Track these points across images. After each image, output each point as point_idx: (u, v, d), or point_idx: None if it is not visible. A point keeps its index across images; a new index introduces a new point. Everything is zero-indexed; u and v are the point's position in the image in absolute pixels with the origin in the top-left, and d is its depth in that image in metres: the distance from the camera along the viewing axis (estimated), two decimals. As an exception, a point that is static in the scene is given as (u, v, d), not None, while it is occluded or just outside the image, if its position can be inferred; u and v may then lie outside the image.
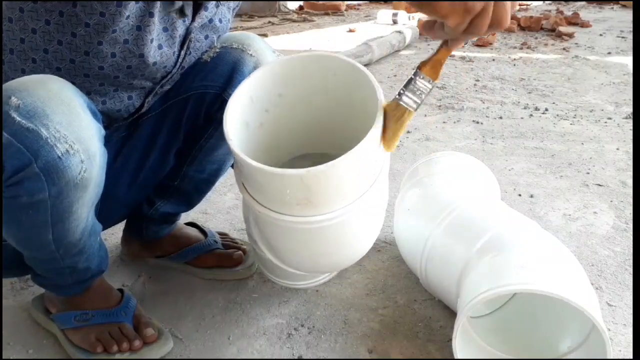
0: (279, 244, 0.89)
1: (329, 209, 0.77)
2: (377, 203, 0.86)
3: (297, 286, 1.09)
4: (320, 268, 1.00)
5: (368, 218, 0.86)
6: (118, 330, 0.92)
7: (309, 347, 0.95)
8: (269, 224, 0.83)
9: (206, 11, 0.88)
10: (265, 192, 0.77)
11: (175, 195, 1.08)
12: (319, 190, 0.73)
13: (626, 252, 1.20)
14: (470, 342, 0.90)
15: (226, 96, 0.93)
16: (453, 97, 2.35)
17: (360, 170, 0.75)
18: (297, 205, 0.75)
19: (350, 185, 0.76)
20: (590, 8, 4.55)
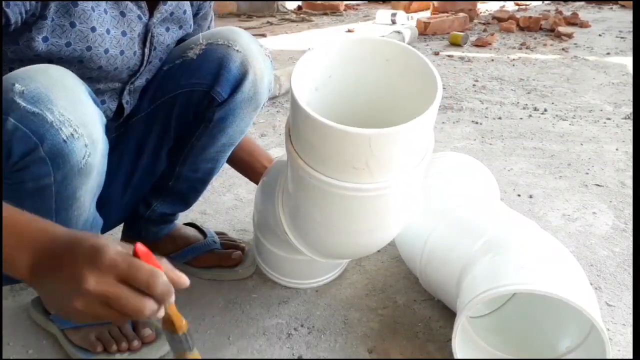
0: (319, 216, 0.87)
1: (382, 177, 0.76)
2: (420, 182, 0.87)
3: (299, 286, 1.09)
4: (349, 249, 0.96)
5: (412, 195, 0.86)
6: (117, 330, 0.92)
7: (308, 347, 0.95)
8: (315, 191, 0.81)
9: (165, 5, 0.88)
10: (321, 153, 0.76)
11: (171, 196, 1.07)
12: (379, 155, 0.73)
13: (625, 253, 1.20)
14: (470, 342, 0.90)
15: (214, 93, 0.93)
16: (452, 97, 2.35)
17: (416, 144, 0.76)
18: (353, 170, 0.74)
19: (406, 155, 0.77)
20: (589, 8, 4.55)
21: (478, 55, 3.07)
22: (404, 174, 0.78)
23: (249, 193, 1.50)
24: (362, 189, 0.76)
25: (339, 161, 0.75)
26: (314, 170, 0.78)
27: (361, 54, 0.83)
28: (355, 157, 0.73)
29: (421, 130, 0.75)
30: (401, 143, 0.73)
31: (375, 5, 5.01)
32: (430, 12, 4.24)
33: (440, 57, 3.07)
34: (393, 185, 0.77)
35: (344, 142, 0.72)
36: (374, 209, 0.82)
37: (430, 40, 3.48)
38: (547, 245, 0.87)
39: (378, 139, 0.70)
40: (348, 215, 0.84)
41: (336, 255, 1.01)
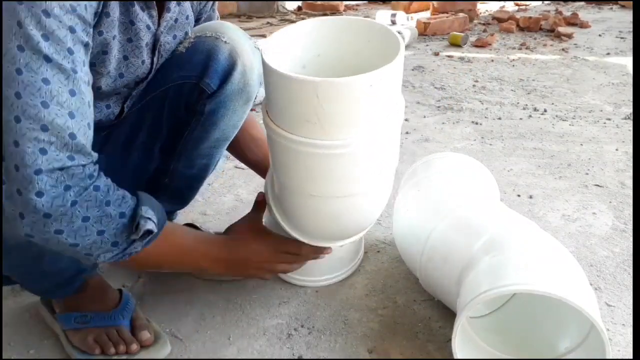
0: (285, 177, 0.86)
1: (337, 134, 0.75)
2: (389, 153, 0.84)
3: (302, 283, 1.10)
4: (323, 223, 0.91)
5: (379, 160, 0.83)
6: (115, 333, 0.93)
7: (309, 347, 0.95)
8: (279, 148, 0.81)
9: (169, 12, 0.88)
10: (278, 104, 0.77)
11: (167, 193, 1.07)
12: (329, 108, 0.71)
13: (625, 253, 1.20)
14: (470, 342, 0.91)
15: (203, 85, 0.93)
16: (452, 97, 2.35)
17: (375, 101, 0.74)
18: (306, 123, 0.74)
19: (362, 112, 0.74)
20: (589, 8, 4.55)
21: (478, 56, 3.07)
22: (363, 133, 0.76)
23: (249, 194, 1.50)
24: (317, 144, 0.75)
25: (293, 113, 0.75)
26: (275, 124, 0.79)
27: (346, 35, 0.84)
28: (305, 108, 0.72)
29: (377, 87, 0.72)
30: (352, 97, 0.71)
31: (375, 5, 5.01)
32: (430, 12, 4.25)
33: (440, 57, 3.07)
34: (350, 145, 0.75)
35: (293, 91, 0.72)
36: (331, 169, 0.79)
37: (430, 41, 3.48)
38: (547, 245, 0.87)
39: (325, 88, 0.69)
40: (308, 174, 0.82)
41: (314, 232, 0.93)
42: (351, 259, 1.15)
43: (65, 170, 0.66)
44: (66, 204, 0.66)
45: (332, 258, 1.04)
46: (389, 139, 0.81)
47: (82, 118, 0.67)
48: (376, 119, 0.76)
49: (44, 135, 0.64)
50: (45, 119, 0.64)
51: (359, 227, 0.95)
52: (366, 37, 0.84)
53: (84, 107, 0.68)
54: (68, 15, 0.65)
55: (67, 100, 0.66)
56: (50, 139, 0.65)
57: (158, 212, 0.77)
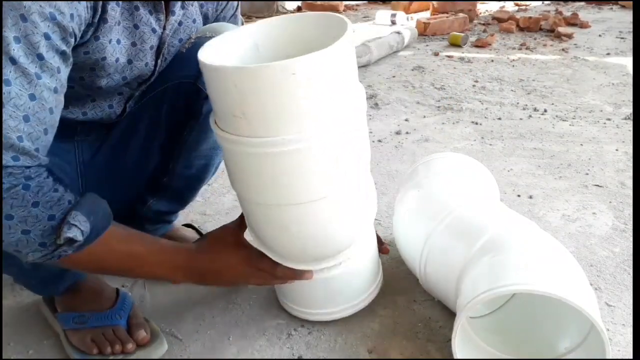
0: (231, 179, 0.82)
1: (266, 131, 0.68)
2: (346, 153, 0.74)
3: (312, 317, 1.00)
4: (280, 237, 0.83)
5: (331, 164, 0.73)
6: (112, 332, 0.93)
7: (308, 347, 0.95)
8: (224, 148, 0.77)
9: (173, 16, 0.88)
10: (213, 100, 0.73)
11: (167, 193, 1.07)
12: (252, 100, 0.66)
13: (625, 253, 1.20)
14: (470, 342, 0.91)
15: (200, 85, 0.92)
16: (452, 98, 2.35)
17: (309, 91, 0.66)
18: (233, 118, 0.69)
19: (293, 105, 0.67)
20: (589, 8, 4.55)
21: (478, 56, 3.07)
22: (298, 130, 0.68)
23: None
24: (243, 142, 0.70)
25: (219, 107, 0.71)
26: (215, 123, 0.75)
27: (310, 31, 0.81)
28: (230, 101, 0.68)
29: (304, 77, 0.65)
30: (274, 87, 0.64)
31: (375, 5, 5.00)
32: (430, 12, 4.25)
33: (440, 57, 3.07)
34: (283, 143, 0.68)
35: (215, 81, 0.68)
36: (265, 171, 0.73)
37: (430, 41, 3.48)
38: (547, 245, 0.87)
39: (241, 76, 0.64)
40: (244, 178, 0.77)
41: (277, 249, 0.86)
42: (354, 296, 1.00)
43: (5, 169, 0.66)
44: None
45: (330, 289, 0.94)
46: (340, 136, 0.73)
47: (37, 123, 0.68)
48: (315, 112, 0.69)
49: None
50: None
51: (327, 243, 0.85)
52: (323, 29, 0.79)
53: (43, 113, 0.68)
54: (46, 22, 0.66)
55: (25, 103, 0.66)
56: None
57: (97, 218, 0.74)
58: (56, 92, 0.70)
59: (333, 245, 0.86)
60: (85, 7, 0.71)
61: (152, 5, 0.82)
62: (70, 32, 0.69)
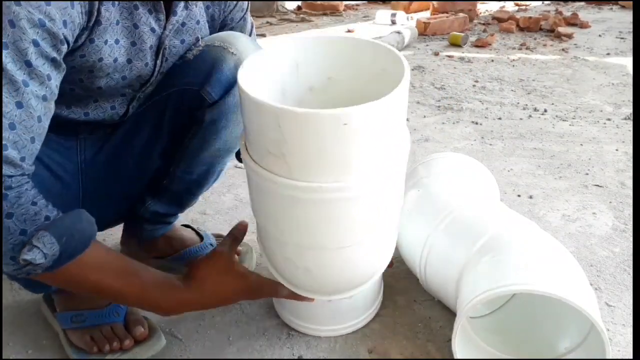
0: (255, 210, 0.79)
1: (304, 176, 0.65)
2: (379, 205, 0.72)
3: (312, 332, 0.98)
4: (296, 274, 0.81)
5: (362, 217, 0.71)
6: (110, 329, 0.93)
7: (309, 347, 0.95)
8: (249, 178, 0.74)
9: (175, 16, 0.87)
10: (247, 129, 0.70)
11: (167, 195, 1.07)
12: (294, 142, 0.62)
13: (625, 253, 1.20)
14: (470, 342, 0.91)
15: (204, 93, 0.91)
16: (452, 97, 2.35)
17: (355, 141, 0.63)
18: (269, 155, 0.65)
19: (336, 154, 0.63)
20: (589, 9, 4.55)
21: (478, 56, 3.07)
22: (337, 179, 0.64)
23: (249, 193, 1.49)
24: (278, 182, 0.66)
25: (258, 141, 0.67)
26: (247, 152, 0.72)
27: (357, 57, 0.78)
28: (267, 137, 0.64)
29: (355, 127, 0.61)
30: (320, 134, 0.60)
31: (375, 5, 5.00)
32: (430, 12, 4.24)
33: (440, 57, 3.07)
34: (318, 191, 0.64)
35: (256, 115, 0.64)
36: (295, 214, 0.69)
37: (430, 41, 3.48)
38: (547, 245, 0.87)
39: (287, 118, 0.60)
40: (272, 215, 0.74)
41: (291, 279, 0.84)
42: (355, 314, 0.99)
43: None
44: None
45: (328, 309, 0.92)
46: (379, 189, 0.70)
47: (24, 131, 0.67)
48: (359, 163, 0.65)
49: None
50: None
51: (348, 283, 0.83)
52: (376, 60, 0.76)
53: (30, 121, 0.67)
54: (35, 29, 0.65)
55: (11, 111, 0.65)
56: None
57: (71, 240, 0.70)
58: (45, 100, 0.69)
59: (353, 284, 0.84)
60: (80, 12, 0.71)
61: (151, 4, 0.82)
62: (62, 39, 0.68)
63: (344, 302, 0.91)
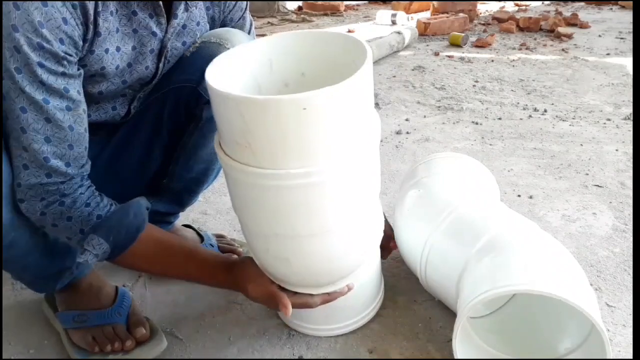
0: (233, 203, 0.81)
1: (270, 163, 0.66)
2: (349, 189, 0.72)
3: (311, 332, 0.98)
4: (276, 265, 0.81)
5: (334, 201, 0.71)
6: (112, 330, 0.94)
7: (309, 348, 0.95)
8: (224, 170, 0.76)
9: (176, 19, 0.87)
10: (218, 123, 0.72)
11: (166, 195, 1.07)
12: (258, 132, 0.63)
13: (625, 253, 1.20)
14: (470, 342, 0.91)
15: (201, 90, 0.92)
16: (452, 98, 2.35)
17: (317, 127, 0.63)
18: (237, 146, 0.67)
19: (298, 139, 0.64)
20: (589, 9, 4.55)
21: (478, 56, 3.07)
22: (302, 165, 0.65)
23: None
24: (247, 171, 0.68)
25: (226, 132, 0.69)
26: (219, 145, 0.74)
27: (327, 51, 0.78)
28: (235, 129, 0.66)
29: (316, 111, 0.62)
30: (282, 120, 0.62)
31: (376, 5, 5.01)
32: (430, 12, 4.25)
33: (440, 57, 3.07)
34: (285, 177, 0.66)
35: (221, 106, 0.66)
36: (264, 202, 0.71)
37: (430, 41, 3.48)
38: (547, 245, 0.87)
39: (248, 107, 0.62)
40: (244, 205, 0.75)
41: (274, 274, 0.84)
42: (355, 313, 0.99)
43: (43, 186, 0.75)
44: (36, 213, 0.76)
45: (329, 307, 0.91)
46: (350, 171, 0.70)
47: (59, 142, 0.74)
48: (325, 147, 0.66)
49: (25, 154, 0.73)
50: (24, 143, 0.72)
51: (328, 274, 0.83)
52: (342, 49, 0.77)
53: (62, 132, 0.74)
54: (36, 52, 0.69)
55: (42, 127, 0.73)
56: (30, 159, 0.73)
57: (119, 237, 0.80)
58: (70, 110, 0.75)
59: (335, 275, 0.84)
60: (75, 25, 0.72)
61: (151, 9, 0.82)
62: (62, 55, 0.71)
63: (342, 301, 0.90)
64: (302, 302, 0.86)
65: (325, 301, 0.87)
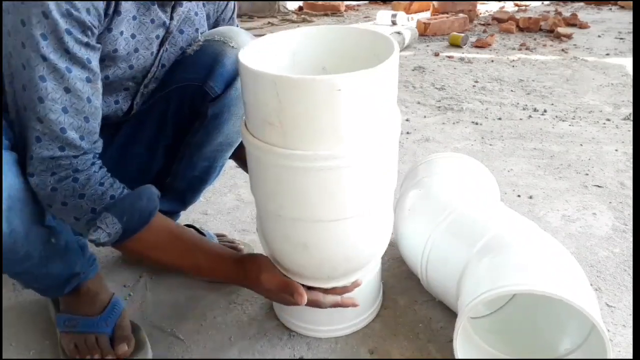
0: (254, 187, 0.81)
1: (300, 144, 0.67)
2: (374, 176, 0.73)
3: (312, 334, 0.98)
4: (294, 253, 0.81)
5: (357, 186, 0.72)
6: (94, 340, 0.92)
7: (309, 348, 0.95)
8: (248, 154, 0.77)
9: (181, 7, 0.88)
10: (246, 104, 0.73)
11: (169, 193, 1.07)
12: (291, 111, 0.65)
13: (625, 253, 1.20)
14: (471, 342, 0.91)
15: (207, 88, 0.93)
16: (452, 98, 2.35)
17: (348, 109, 0.65)
18: (268, 126, 0.68)
19: (331, 121, 0.66)
20: (588, 9, 4.55)
21: (478, 56, 3.07)
22: (332, 147, 0.67)
23: (250, 194, 1.49)
24: (277, 152, 0.69)
25: (256, 113, 0.70)
26: (246, 128, 0.75)
27: (349, 45, 0.80)
28: (265, 106, 0.67)
29: (348, 94, 0.63)
30: (316, 100, 0.63)
31: (376, 5, 5.01)
32: (431, 13, 4.25)
33: (440, 57, 3.07)
34: (315, 159, 0.67)
35: (255, 85, 0.67)
36: (293, 184, 0.71)
37: (430, 41, 3.48)
38: (547, 246, 0.87)
39: (283, 85, 0.63)
40: (271, 187, 0.75)
41: (290, 265, 0.85)
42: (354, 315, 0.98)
43: (55, 160, 0.73)
44: (46, 188, 0.74)
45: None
46: (370, 160, 0.72)
47: (76, 113, 0.73)
48: (353, 131, 0.68)
49: (39, 126, 0.72)
50: (40, 113, 0.71)
51: (345, 264, 0.83)
52: (365, 45, 0.79)
53: (80, 103, 0.73)
54: (64, 18, 0.68)
55: (61, 97, 0.71)
56: (44, 130, 0.72)
57: (132, 219, 0.78)
58: (90, 82, 0.74)
59: (350, 265, 0.84)
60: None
61: None
62: (89, 25, 0.72)
63: None
64: (314, 299, 0.85)
65: (335, 304, 0.88)
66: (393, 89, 0.73)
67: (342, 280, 0.87)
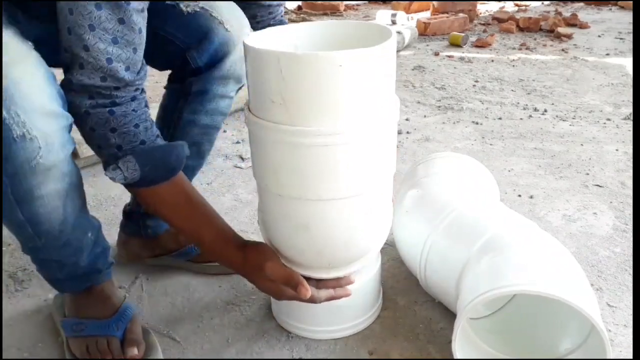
0: (255, 167, 0.82)
1: (304, 121, 0.70)
2: (375, 155, 0.75)
3: (311, 335, 0.97)
4: (294, 236, 0.81)
5: (359, 165, 0.74)
6: (106, 343, 0.91)
7: (308, 349, 0.95)
8: (250, 133, 0.78)
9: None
10: (250, 84, 0.75)
11: None
12: (294, 87, 0.67)
13: (626, 253, 1.20)
14: (470, 343, 0.90)
15: (189, 56, 0.93)
16: (452, 97, 2.34)
17: (350, 87, 0.68)
18: (271, 104, 0.70)
19: (333, 98, 0.68)
20: (588, 9, 4.55)
21: (478, 56, 3.07)
22: (334, 124, 0.69)
23: (248, 194, 1.49)
24: (277, 129, 0.71)
25: (259, 92, 0.72)
26: (248, 109, 0.76)
27: (350, 38, 0.83)
28: (270, 85, 0.69)
29: (350, 70, 0.67)
30: (319, 76, 0.66)
31: (376, 5, 5.01)
32: (430, 12, 4.24)
33: (440, 57, 3.07)
34: (318, 135, 0.69)
35: (259, 64, 0.70)
36: (296, 161, 0.73)
37: (430, 41, 3.48)
38: (547, 246, 0.87)
39: (287, 61, 0.66)
40: (272, 166, 0.76)
41: (291, 249, 0.84)
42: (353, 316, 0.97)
43: (95, 88, 0.71)
44: (80, 109, 0.72)
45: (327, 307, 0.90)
46: (377, 135, 0.75)
47: (125, 44, 0.71)
48: (355, 107, 0.70)
49: (84, 53, 0.69)
50: (88, 41, 0.68)
51: (345, 248, 0.83)
52: (364, 36, 0.82)
53: (132, 35, 0.71)
54: None
55: (114, 27, 0.69)
56: (88, 59, 0.69)
57: (153, 170, 0.77)
58: (143, 11, 0.72)
59: (351, 251, 0.85)
60: None
61: None
62: None
63: (343, 302, 0.90)
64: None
65: (330, 298, 0.87)
66: (391, 72, 0.75)
67: (341, 270, 0.87)
